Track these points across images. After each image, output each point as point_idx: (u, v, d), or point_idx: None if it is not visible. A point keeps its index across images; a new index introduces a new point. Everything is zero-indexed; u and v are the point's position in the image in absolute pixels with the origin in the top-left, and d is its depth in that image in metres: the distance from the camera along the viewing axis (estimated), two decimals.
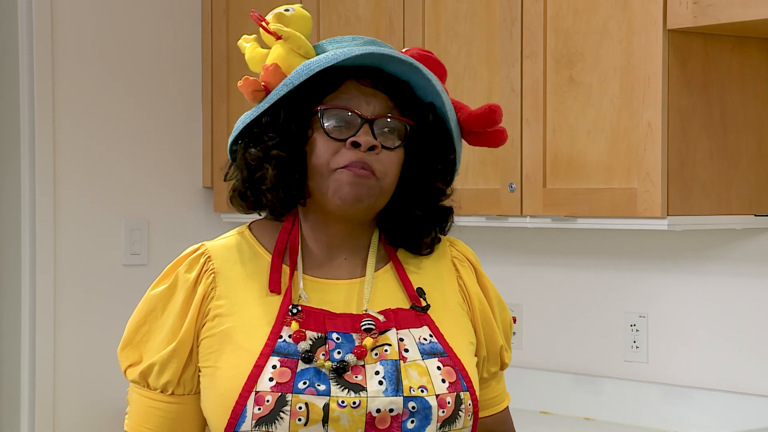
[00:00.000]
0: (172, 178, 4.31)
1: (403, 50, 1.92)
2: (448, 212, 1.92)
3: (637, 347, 3.42)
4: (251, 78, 1.84)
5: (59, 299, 4.04)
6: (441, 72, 1.92)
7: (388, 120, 1.83)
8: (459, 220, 3.36)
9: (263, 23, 1.86)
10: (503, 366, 1.98)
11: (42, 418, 4.01)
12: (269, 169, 1.82)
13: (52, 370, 4.02)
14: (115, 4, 4.18)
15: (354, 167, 1.80)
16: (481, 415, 1.94)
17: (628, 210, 2.99)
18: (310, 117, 1.83)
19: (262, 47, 1.89)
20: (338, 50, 1.81)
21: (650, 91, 2.94)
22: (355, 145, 1.80)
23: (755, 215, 3.10)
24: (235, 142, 1.88)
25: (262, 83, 1.83)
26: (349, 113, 1.82)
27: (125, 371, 1.88)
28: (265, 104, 1.83)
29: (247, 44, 1.91)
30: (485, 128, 1.89)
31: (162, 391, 1.85)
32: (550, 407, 3.60)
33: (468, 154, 3.36)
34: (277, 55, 1.84)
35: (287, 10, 1.87)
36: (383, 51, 1.81)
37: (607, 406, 3.46)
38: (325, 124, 1.82)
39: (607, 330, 3.50)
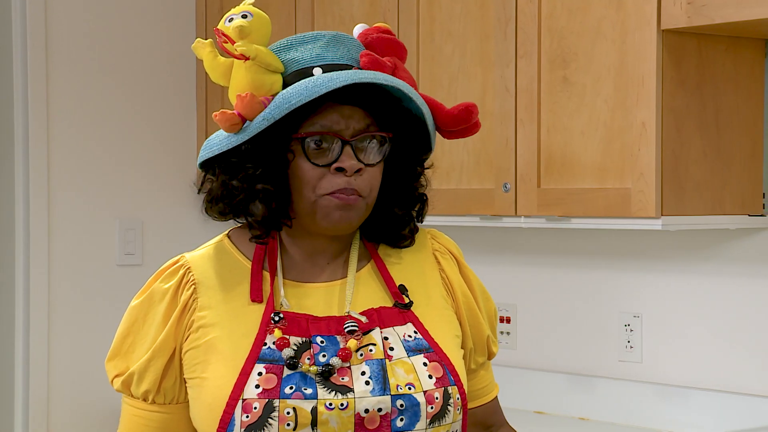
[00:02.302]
0: (167, 178, 4.30)
1: (358, 32, 1.89)
2: (422, 199, 1.91)
3: (631, 347, 3.42)
4: (228, 112, 1.78)
5: (53, 299, 4.04)
6: (401, 52, 1.89)
7: (368, 137, 1.81)
8: (453, 221, 3.38)
9: (227, 44, 1.79)
10: (491, 356, 1.98)
11: (36, 418, 4.00)
12: (258, 204, 1.80)
13: (45, 371, 4.02)
14: (110, 4, 4.18)
15: (341, 193, 1.79)
16: (470, 406, 1.95)
17: (622, 210, 2.99)
18: (289, 141, 1.81)
19: (221, 55, 1.83)
20: (318, 80, 1.76)
21: (644, 91, 2.94)
22: (340, 169, 1.79)
23: (749, 215, 3.10)
24: (208, 161, 1.85)
25: (237, 113, 1.78)
26: (330, 137, 1.79)
27: (112, 381, 1.89)
28: (246, 136, 1.78)
29: (202, 49, 1.83)
30: (461, 126, 1.88)
31: (144, 400, 1.86)
32: (544, 407, 3.60)
33: (462, 155, 3.36)
34: (243, 76, 1.79)
35: (245, 16, 1.80)
36: (363, 79, 1.77)
37: (602, 406, 3.46)
38: (308, 151, 1.79)
39: (602, 330, 3.50)
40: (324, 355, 1.77)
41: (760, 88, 3.10)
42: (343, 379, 1.75)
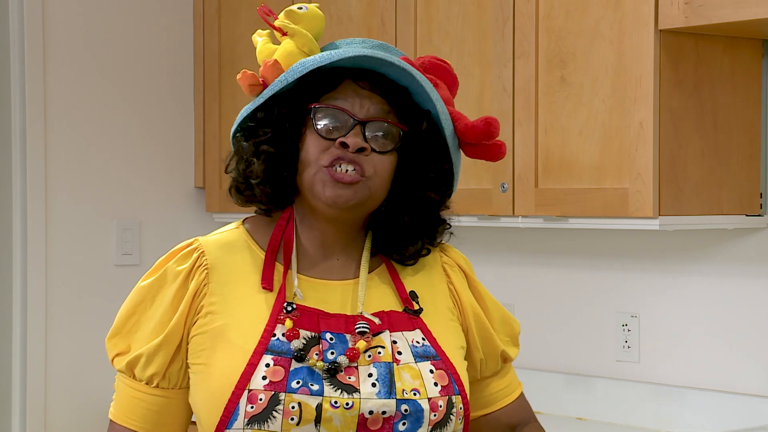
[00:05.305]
0: (164, 178, 4.31)
1: (417, 58, 1.92)
2: (440, 223, 1.91)
3: (628, 347, 3.42)
4: (249, 72, 1.85)
5: (51, 299, 4.04)
6: (451, 81, 1.91)
7: (381, 124, 1.82)
8: (451, 220, 3.38)
9: (269, 18, 1.87)
10: (507, 360, 1.98)
11: (33, 417, 4.00)
12: (256, 163, 1.83)
13: (43, 370, 4.02)
14: (108, 4, 4.18)
15: (339, 163, 1.79)
16: (493, 407, 1.96)
17: (619, 210, 2.99)
18: (305, 115, 1.83)
19: (273, 43, 1.90)
20: (335, 51, 1.81)
21: (642, 92, 2.94)
22: (344, 145, 1.80)
23: (746, 215, 3.10)
24: (235, 133, 1.89)
25: (261, 78, 1.84)
26: (342, 113, 1.81)
27: (113, 360, 1.87)
28: (260, 99, 1.83)
29: (260, 38, 1.91)
30: (481, 141, 1.87)
31: (147, 383, 1.84)
32: (542, 407, 3.60)
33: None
34: (282, 51, 1.85)
35: (300, 8, 1.87)
36: (378, 54, 1.79)
37: (599, 405, 3.46)
38: (317, 123, 1.81)
39: (599, 330, 3.50)
40: (332, 353, 1.77)
41: (758, 88, 3.10)
42: (350, 378, 1.76)
